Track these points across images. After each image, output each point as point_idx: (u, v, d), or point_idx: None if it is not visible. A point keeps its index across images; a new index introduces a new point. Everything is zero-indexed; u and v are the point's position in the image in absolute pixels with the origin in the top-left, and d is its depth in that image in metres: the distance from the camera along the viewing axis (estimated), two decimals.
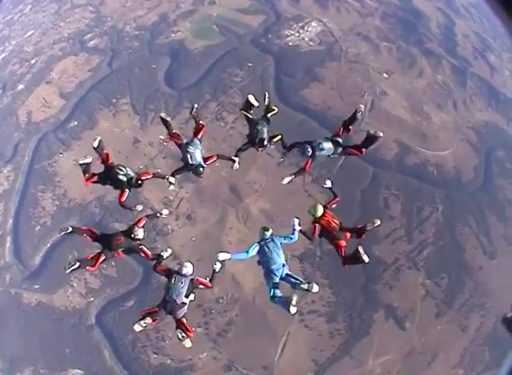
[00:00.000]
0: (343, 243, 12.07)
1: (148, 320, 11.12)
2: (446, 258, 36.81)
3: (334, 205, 13.03)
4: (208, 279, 11.99)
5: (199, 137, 13.33)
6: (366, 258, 11.63)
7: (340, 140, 13.04)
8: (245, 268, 35.82)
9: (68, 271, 11.72)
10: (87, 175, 12.54)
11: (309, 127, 39.02)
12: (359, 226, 12.52)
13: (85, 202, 39.51)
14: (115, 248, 12.22)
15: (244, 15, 45.11)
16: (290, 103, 40.06)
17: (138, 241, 12.35)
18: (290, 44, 43.01)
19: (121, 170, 12.53)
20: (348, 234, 12.26)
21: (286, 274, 11.44)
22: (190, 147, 12.83)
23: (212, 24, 44.80)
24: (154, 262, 12.33)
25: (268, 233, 11.73)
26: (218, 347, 35.57)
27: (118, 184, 12.71)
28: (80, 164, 12.42)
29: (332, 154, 13.01)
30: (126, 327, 36.08)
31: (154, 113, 39.72)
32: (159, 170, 37.05)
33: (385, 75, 41.16)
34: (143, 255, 12.43)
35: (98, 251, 12.29)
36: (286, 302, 10.99)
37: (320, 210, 12.31)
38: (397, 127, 39.57)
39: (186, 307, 11.60)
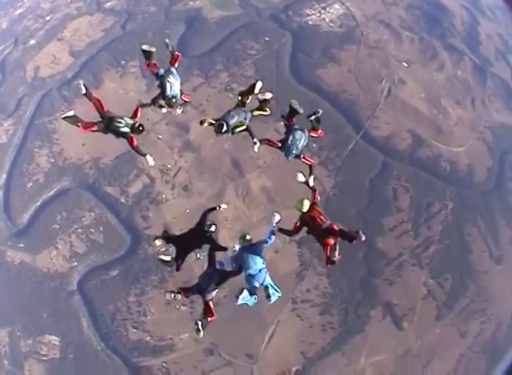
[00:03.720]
0: (330, 241, 10.36)
1: (178, 297, 11.02)
2: (452, 259, 31.79)
3: (318, 198, 11.52)
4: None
5: (176, 66, 11.88)
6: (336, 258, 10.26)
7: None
8: None
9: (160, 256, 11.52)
10: (79, 124, 10.88)
11: (321, 107, 33.42)
12: (345, 231, 10.51)
13: (80, 162, 34.05)
14: (191, 247, 11.61)
15: None
16: (304, 81, 34.90)
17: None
18: (310, 23, 37.65)
19: (120, 122, 11.01)
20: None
21: (267, 281, 10.46)
22: (171, 76, 11.44)
23: None
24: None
25: (247, 238, 10.80)
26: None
27: (122, 135, 11.27)
28: (64, 118, 10.79)
29: (306, 140, 11.44)
30: (108, 297, 31.43)
31: None
32: (160, 136, 32.76)
33: (404, 64, 35.97)
34: (212, 243, 11.64)
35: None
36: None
37: (306, 205, 10.87)
38: (413, 118, 34.39)
39: (215, 292, 11.16)
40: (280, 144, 11.34)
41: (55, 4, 41.52)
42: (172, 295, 10.83)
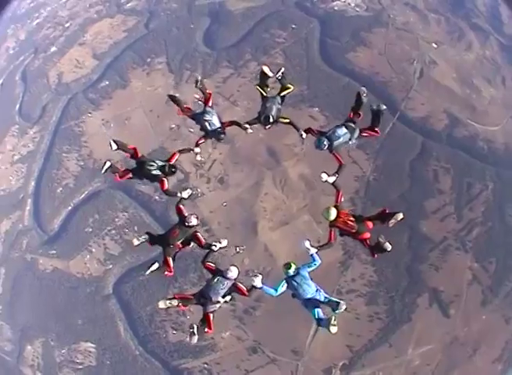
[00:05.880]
0: (366, 235, 10.57)
1: (175, 302, 10.27)
2: (495, 241, 29.94)
3: (342, 199, 11.12)
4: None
5: (210, 105, 12.13)
6: (388, 247, 10.24)
7: (354, 124, 11.30)
8: (280, 238, 29.50)
9: (148, 272, 11.01)
10: (117, 174, 11.56)
11: (354, 91, 32.04)
12: (379, 212, 10.80)
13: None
14: (173, 242, 10.87)
15: None
16: (335, 66, 33.49)
17: (193, 228, 11.00)
18: (336, 8, 36.29)
19: (152, 166, 11.35)
20: (370, 224, 10.55)
21: (325, 297, 10.16)
22: (206, 115, 11.79)
23: None
24: (204, 256, 11.01)
25: (291, 270, 10.21)
26: (243, 326, 29.07)
27: (154, 178, 11.53)
28: (104, 172, 11.52)
29: (350, 139, 11.23)
30: (145, 299, 30.01)
31: (190, 72, 33.75)
32: (191, 129, 31.08)
33: (434, 45, 34.68)
34: (197, 242, 11.09)
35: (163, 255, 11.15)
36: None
37: (333, 213, 10.45)
38: (447, 98, 32.90)
39: (218, 305, 10.57)
40: (318, 134, 11.26)
41: (73, 10, 40.30)
42: (168, 302, 10.26)
